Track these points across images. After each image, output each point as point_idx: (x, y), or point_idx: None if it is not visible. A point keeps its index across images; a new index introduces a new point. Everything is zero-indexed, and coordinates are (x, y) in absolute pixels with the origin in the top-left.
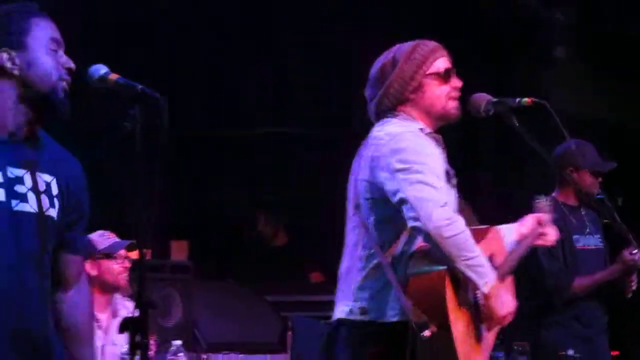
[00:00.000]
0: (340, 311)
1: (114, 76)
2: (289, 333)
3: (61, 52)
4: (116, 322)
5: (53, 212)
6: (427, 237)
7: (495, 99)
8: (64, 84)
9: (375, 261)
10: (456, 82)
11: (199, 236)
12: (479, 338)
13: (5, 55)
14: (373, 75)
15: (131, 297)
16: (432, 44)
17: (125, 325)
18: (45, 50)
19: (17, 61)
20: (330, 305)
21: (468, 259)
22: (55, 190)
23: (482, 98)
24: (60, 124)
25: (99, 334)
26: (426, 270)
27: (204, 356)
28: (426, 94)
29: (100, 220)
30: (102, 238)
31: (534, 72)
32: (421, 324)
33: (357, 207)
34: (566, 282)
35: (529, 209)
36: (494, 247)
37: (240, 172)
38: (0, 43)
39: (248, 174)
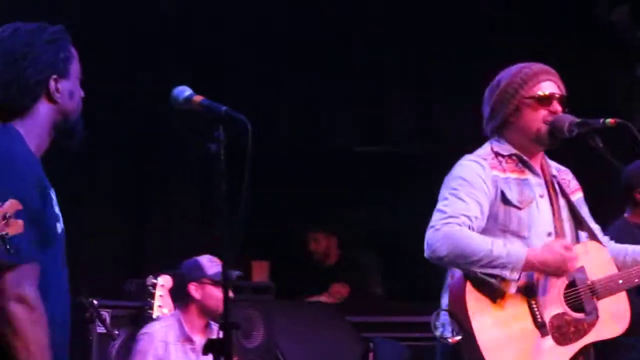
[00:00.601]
0: None
1: (198, 98)
2: (371, 354)
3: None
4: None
5: None
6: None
7: (578, 120)
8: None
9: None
10: (556, 107)
11: (279, 256)
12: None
13: (53, 83)
14: (484, 96)
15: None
16: (538, 66)
17: (210, 347)
18: (78, 82)
19: (60, 89)
20: (412, 327)
21: (480, 261)
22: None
23: (565, 119)
24: None
25: (192, 357)
26: (448, 284)
27: None
28: (522, 117)
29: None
30: (211, 263)
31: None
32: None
33: None
34: None
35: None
36: (592, 261)
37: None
38: (52, 68)
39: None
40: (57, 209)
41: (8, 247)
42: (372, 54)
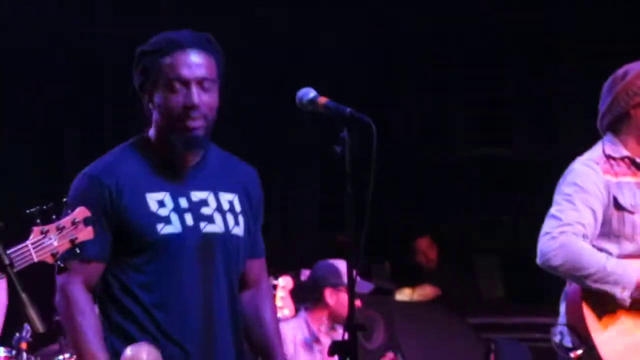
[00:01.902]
0: None
1: (323, 99)
2: (492, 355)
3: (190, 88)
4: None
5: (239, 231)
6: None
7: None
8: (189, 123)
9: None
10: None
11: (399, 258)
12: None
13: (147, 96)
14: (603, 88)
15: None
16: None
17: (336, 348)
18: (164, 91)
19: (154, 102)
20: (532, 327)
21: (593, 275)
22: (238, 207)
23: None
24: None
25: (318, 357)
26: (566, 291)
27: None
28: None
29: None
30: None
31: None
32: (570, 348)
33: None
34: None
35: None
36: None
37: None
38: (143, 84)
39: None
40: (162, 211)
41: (78, 250)
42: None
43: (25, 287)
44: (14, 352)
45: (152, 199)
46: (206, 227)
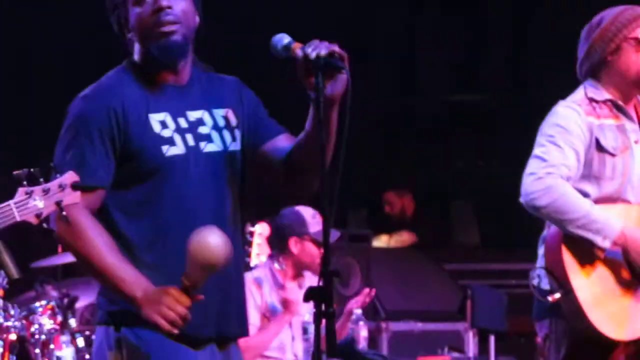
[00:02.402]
0: None
1: (297, 45)
2: (469, 301)
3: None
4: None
5: (236, 146)
6: (530, 210)
7: None
8: (162, 28)
9: None
10: None
11: (376, 205)
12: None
13: (125, 30)
14: (581, 35)
15: None
16: None
17: (311, 294)
18: (131, 7)
19: (130, 25)
20: (508, 274)
21: (576, 220)
22: (233, 121)
23: None
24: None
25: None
26: (544, 236)
27: (384, 324)
28: (622, 57)
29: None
30: (314, 220)
31: None
32: (547, 291)
33: None
34: None
35: None
36: None
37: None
38: (118, 18)
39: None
40: (165, 132)
41: (64, 213)
42: None
43: None
44: None
45: (155, 119)
46: (206, 147)
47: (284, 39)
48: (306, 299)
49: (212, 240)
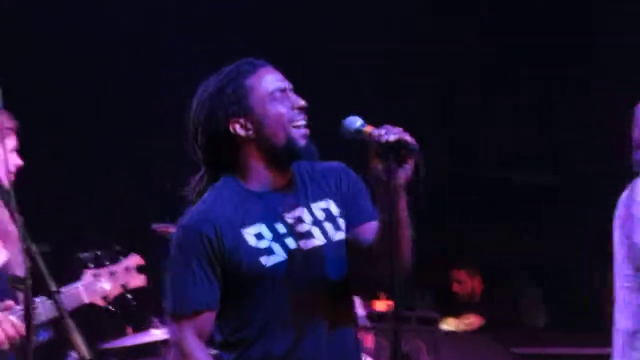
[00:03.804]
0: None
1: (369, 128)
2: None
3: (288, 95)
4: None
5: (341, 235)
6: None
7: None
8: (301, 126)
9: None
10: None
11: (442, 287)
12: None
13: (237, 126)
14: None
15: None
16: None
17: None
18: (269, 102)
19: (249, 126)
20: (575, 359)
21: None
22: (335, 211)
23: None
24: None
25: None
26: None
27: None
28: None
29: None
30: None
31: None
32: None
33: None
34: None
35: None
36: None
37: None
38: (228, 117)
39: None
40: (262, 243)
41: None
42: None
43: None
44: None
45: (249, 233)
46: (307, 244)
47: (356, 121)
48: None
49: None
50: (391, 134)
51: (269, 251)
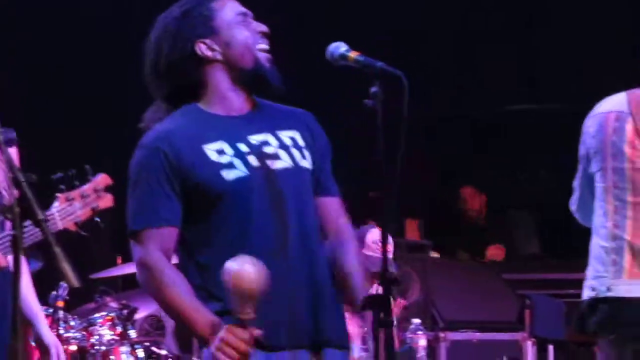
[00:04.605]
0: None
1: (354, 54)
2: (528, 311)
3: (250, 21)
4: None
5: (307, 164)
6: None
7: None
8: (264, 50)
9: None
10: None
11: (432, 214)
12: None
13: (204, 47)
14: None
15: None
16: None
17: (369, 302)
18: (235, 25)
19: (215, 47)
20: (569, 284)
21: None
22: (301, 142)
23: None
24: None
25: None
26: None
27: (442, 334)
28: None
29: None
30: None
31: None
32: None
33: None
34: None
35: None
36: None
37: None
38: (194, 38)
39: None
40: (224, 159)
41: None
42: None
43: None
44: (50, 310)
45: (210, 149)
46: (273, 164)
47: (341, 47)
48: (364, 307)
49: (246, 269)
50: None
51: (230, 165)
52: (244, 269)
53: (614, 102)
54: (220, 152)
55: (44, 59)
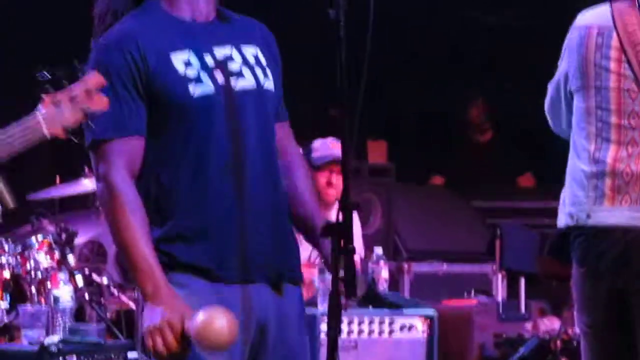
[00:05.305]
0: None
1: None
2: (498, 241)
3: None
4: None
5: (270, 85)
6: None
7: None
8: None
9: None
10: None
11: (398, 135)
12: None
13: None
14: None
15: None
16: None
17: (329, 230)
18: None
19: None
20: (541, 213)
21: None
22: (264, 60)
23: None
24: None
25: None
26: None
27: (406, 265)
28: None
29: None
30: (323, 146)
31: None
32: None
33: None
34: None
35: None
36: None
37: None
38: None
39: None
40: (190, 71)
41: (91, 124)
42: None
43: None
44: None
45: (177, 58)
46: (237, 83)
47: None
48: (324, 234)
49: (215, 324)
50: None
51: (197, 80)
52: (213, 322)
53: (597, 15)
54: (187, 63)
55: None
